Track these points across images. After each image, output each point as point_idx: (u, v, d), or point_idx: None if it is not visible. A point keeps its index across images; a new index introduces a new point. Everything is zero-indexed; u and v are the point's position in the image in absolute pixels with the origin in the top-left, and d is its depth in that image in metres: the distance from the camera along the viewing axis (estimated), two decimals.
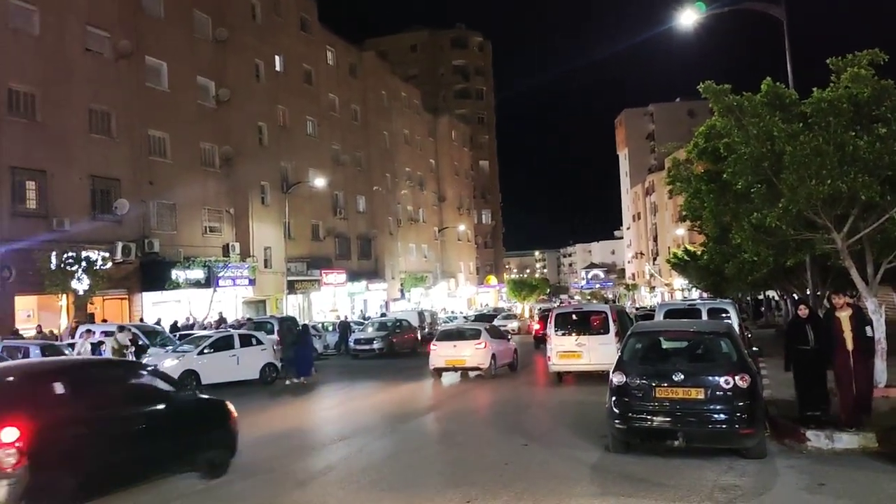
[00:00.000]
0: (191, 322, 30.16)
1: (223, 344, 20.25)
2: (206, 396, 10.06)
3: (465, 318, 47.94)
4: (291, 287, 40.77)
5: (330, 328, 34.96)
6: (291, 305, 41.00)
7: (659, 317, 16.76)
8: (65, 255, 24.87)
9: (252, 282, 36.34)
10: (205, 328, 28.09)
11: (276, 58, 42.59)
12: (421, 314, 39.33)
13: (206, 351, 19.54)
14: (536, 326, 32.82)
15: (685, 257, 52.04)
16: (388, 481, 9.09)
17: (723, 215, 18.55)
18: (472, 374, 20.47)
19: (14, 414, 7.06)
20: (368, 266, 53.27)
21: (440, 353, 20.38)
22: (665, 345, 10.62)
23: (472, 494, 8.20)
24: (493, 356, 20.26)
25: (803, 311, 11.01)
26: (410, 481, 9.11)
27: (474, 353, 19.99)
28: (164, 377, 9.45)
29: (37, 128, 26.82)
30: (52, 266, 24.77)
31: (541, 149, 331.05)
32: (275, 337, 24.74)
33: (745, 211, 16.40)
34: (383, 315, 41.26)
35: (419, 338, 34.18)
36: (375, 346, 30.11)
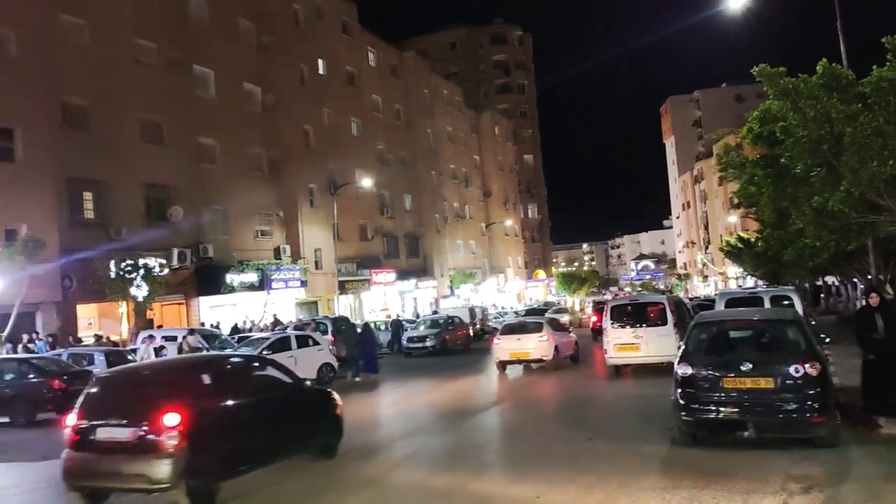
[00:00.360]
0: (248, 325, 30.74)
1: (280, 345, 20.59)
2: (318, 387, 11.27)
3: (515, 313, 47.79)
4: (342, 287, 41.20)
5: (382, 327, 35.23)
6: (343, 305, 41.44)
7: (720, 306, 16.45)
8: (123, 263, 25.56)
9: (304, 283, 36.86)
10: (261, 330, 28.59)
11: (320, 61, 43.08)
12: (472, 310, 39.33)
13: (264, 353, 19.86)
14: (594, 319, 32.81)
15: (739, 245, 51.02)
16: (460, 475, 9.15)
17: (781, 200, 18.19)
18: (534, 365, 20.98)
19: (174, 402, 7.98)
20: (417, 264, 53.52)
21: (504, 347, 20.99)
22: (731, 334, 10.44)
23: (541, 488, 8.20)
24: (556, 348, 20.85)
25: (874, 300, 10.70)
26: (481, 475, 9.18)
27: (537, 346, 20.57)
28: (285, 370, 10.44)
29: (92, 139, 27.60)
30: (112, 274, 25.49)
31: (585, 140, 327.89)
32: (329, 337, 25.06)
33: (804, 195, 16.05)
34: (435, 313, 41.39)
35: (471, 334, 34.21)
36: (428, 343, 30.24)
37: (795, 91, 14.50)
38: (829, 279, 44.80)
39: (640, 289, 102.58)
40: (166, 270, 27.43)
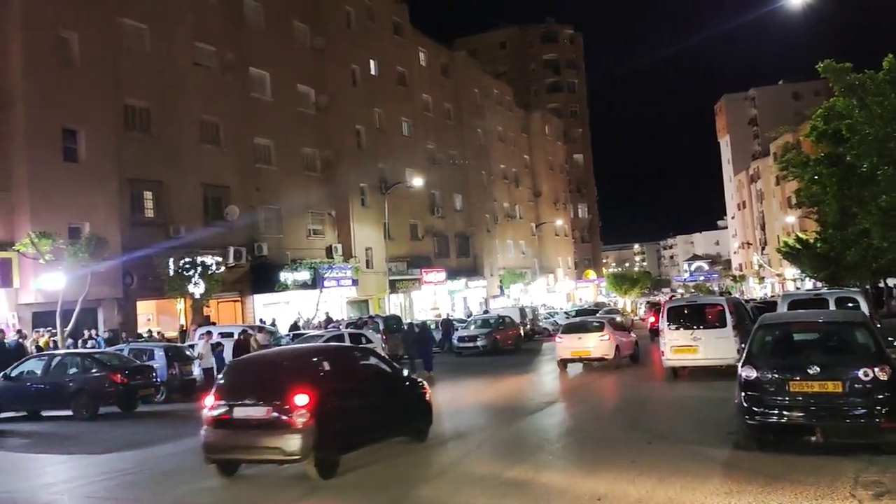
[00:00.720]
0: (303, 322, 31.12)
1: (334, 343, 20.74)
2: (412, 377, 12.01)
3: (565, 313, 47.39)
4: (393, 286, 41.46)
5: (433, 326, 35.27)
6: (393, 304, 41.71)
7: (783, 308, 16.00)
8: (182, 261, 26.21)
9: (355, 282, 37.16)
10: (314, 328, 28.92)
11: (371, 62, 43.43)
12: (522, 310, 39.14)
13: None
14: (651, 319, 32.67)
15: (797, 246, 49.57)
16: (517, 476, 9.08)
17: (846, 200, 17.62)
18: (595, 364, 21.31)
19: (303, 385, 9.05)
20: (467, 264, 53.52)
21: (566, 345, 21.40)
22: (796, 336, 10.14)
23: (602, 490, 8.07)
24: (618, 347, 21.17)
25: None
26: (539, 472, 9.12)
27: (599, 345, 20.95)
28: (386, 360, 11.62)
29: (152, 141, 28.34)
30: (171, 272, 26.15)
31: (636, 139, 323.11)
32: (380, 336, 25.22)
33: (871, 194, 15.50)
34: (485, 312, 41.32)
35: (522, 334, 34.03)
36: (479, 343, 30.19)
37: (862, 87, 14.05)
38: (892, 281, 43.20)
39: (692, 290, 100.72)
40: (223, 268, 28.02)
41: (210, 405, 9.45)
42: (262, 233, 33.15)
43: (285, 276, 32.47)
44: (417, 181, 43.49)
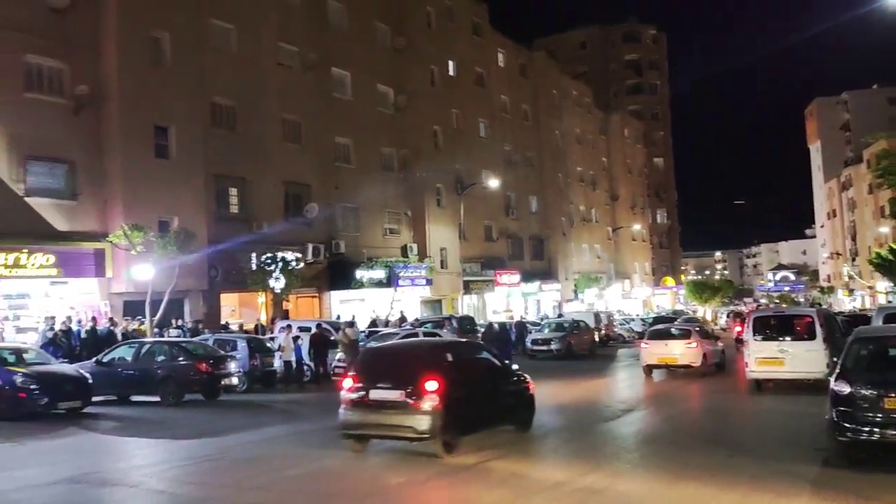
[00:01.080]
0: (383, 319, 31.53)
1: None
2: (517, 371, 12.82)
3: (642, 320, 46.61)
4: (466, 287, 41.63)
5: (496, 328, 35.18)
6: (466, 305, 41.85)
7: (878, 321, 15.30)
8: (263, 256, 27.05)
9: (429, 282, 37.48)
10: (390, 326, 29.21)
11: (450, 62, 43.72)
12: (597, 315, 38.68)
13: None
14: (738, 329, 32.10)
15: (890, 257, 47.33)
16: (593, 483, 9.01)
17: None
18: (681, 371, 21.31)
19: (432, 372, 10.22)
20: (541, 266, 53.22)
21: (652, 351, 21.55)
22: (893, 352, 9.71)
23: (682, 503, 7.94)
24: (704, 355, 21.16)
25: None
26: (616, 481, 9.05)
27: (685, 352, 21.01)
28: (495, 355, 12.68)
29: (237, 139, 29.32)
30: (253, 266, 27.01)
31: (720, 144, 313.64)
32: (454, 336, 25.34)
33: None
34: (559, 316, 41.00)
35: (596, 340, 33.62)
36: (553, 347, 29.99)
37: None
38: None
39: (776, 301, 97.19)
40: (301, 264, 28.73)
41: (348, 388, 10.68)
42: (340, 230, 33.84)
43: (361, 273, 33.08)
44: (493, 182, 43.53)
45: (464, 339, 19.40)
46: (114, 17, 24.86)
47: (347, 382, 10.81)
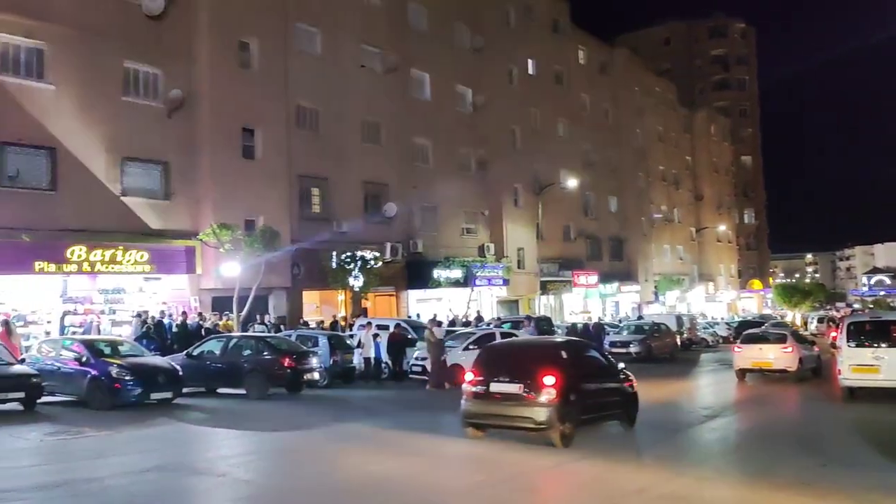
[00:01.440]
0: (462, 318, 31.67)
1: (486, 341, 20.94)
2: (621, 365, 13.39)
3: (727, 324, 45.34)
4: (543, 287, 41.41)
5: (581, 329, 34.81)
6: (543, 305, 41.63)
7: None
8: (343, 255, 27.62)
9: (506, 282, 37.46)
10: (473, 325, 29.19)
11: (529, 61, 43.54)
12: (679, 318, 37.77)
13: (470, 347, 20.46)
14: (833, 334, 31.11)
15: None
16: (677, 490, 8.85)
17: None
18: (777, 375, 21.14)
19: (550, 368, 11.03)
20: (620, 267, 52.40)
21: (746, 355, 21.47)
22: None
23: None
24: (800, 360, 20.95)
25: None
26: (700, 491, 8.85)
27: (780, 356, 20.84)
28: (602, 353, 13.63)
29: (320, 140, 30.01)
30: (333, 264, 27.62)
31: (812, 141, 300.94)
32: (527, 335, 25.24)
33: None
34: (639, 318, 40.28)
35: (678, 343, 32.87)
36: (632, 349, 29.43)
37: None
38: None
39: (870, 306, 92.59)
40: (380, 263, 29.20)
41: (470, 380, 11.61)
42: (418, 230, 34.15)
43: (438, 273, 33.29)
44: (571, 182, 43.11)
45: (575, 339, 20.02)
46: (205, 23, 25.84)
47: (469, 376, 11.72)
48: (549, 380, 10.76)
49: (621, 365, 13.55)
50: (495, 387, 11.23)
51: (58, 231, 21.28)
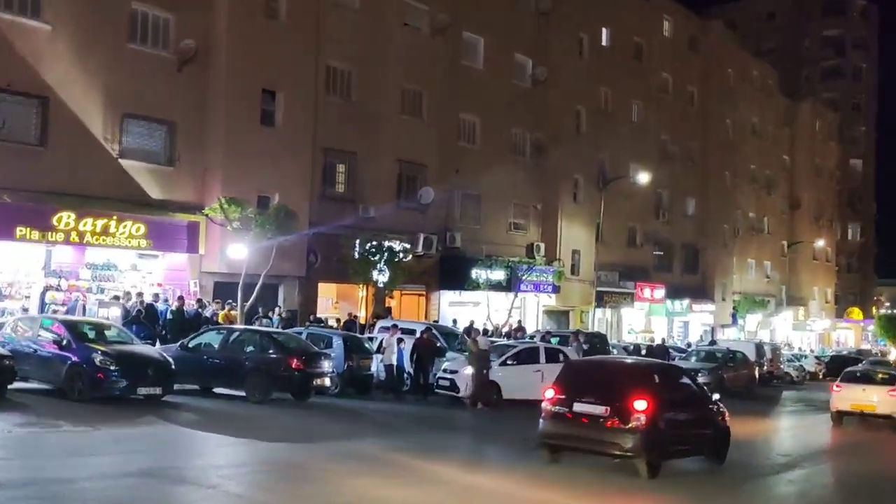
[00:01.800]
0: (492, 328, 31.63)
1: (528, 356, 21.14)
2: (716, 396, 14.20)
3: (816, 357, 44.71)
4: (600, 299, 41.18)
5: (643, 351, 34.62)
6: (597, 320, 41.40)
7: None
8: (368, 244, 27.73)
9: (556, 289, 37.35)
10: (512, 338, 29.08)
11: (604, 30, 43.30)
12: (759, 347, 37.30)
13: (508, 362, 20.58)
14: None
15: None
16: None
17: None
18: (881, 421, 21.33)
19: (641, 391, 11.71)
20: (693, 282, 51.89)
21: (845, 396, 21.76)
22: None
23: None
24: None
25: None
26: None
27: (886, 399, 20.99)
28: (693, 380, 14.32)
29: (351, 108, 30.20)
30: (356, 254, 27.72)
31: None
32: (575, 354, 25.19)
33: None
34: (712, 343, 39.88)
35: (756, 376, 32.52)
36: (700, 379, 28.98)
37: None
38: None
39: None
40: (410, 257, 29.28)
41: (550, 398, 12.37)
42: (457, 221, 34.18)
43: (478, 273, 33.07)
44: (643, 177, 42.70)
45: (667, 362, 21.43)
46: None
47: (549, 393, 12.50)
48: (640, 404, 11.37)
49: (716, 396, 14.20)
50: (579, 407, 11.90)
51: (44, 193, 21.77)
